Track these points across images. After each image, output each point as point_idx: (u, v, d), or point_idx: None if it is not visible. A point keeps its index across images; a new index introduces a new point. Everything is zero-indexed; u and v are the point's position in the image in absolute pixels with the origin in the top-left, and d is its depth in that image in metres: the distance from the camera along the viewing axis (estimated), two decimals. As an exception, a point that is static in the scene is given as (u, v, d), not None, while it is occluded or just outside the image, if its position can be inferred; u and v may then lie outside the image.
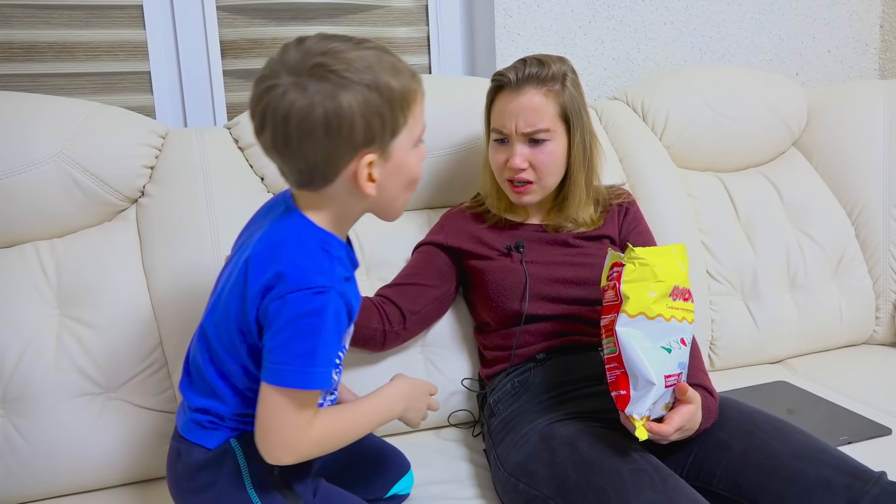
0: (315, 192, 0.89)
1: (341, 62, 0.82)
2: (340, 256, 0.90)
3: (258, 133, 0.86)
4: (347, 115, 0.82)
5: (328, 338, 0.85)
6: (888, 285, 1.73)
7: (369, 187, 0.87)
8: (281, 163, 0.87)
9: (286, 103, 0.81)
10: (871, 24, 2.17)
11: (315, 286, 0.84)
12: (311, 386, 0.85)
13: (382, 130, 0.85)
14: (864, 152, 1.77)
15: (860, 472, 0.99)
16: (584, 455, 1.02)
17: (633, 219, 1.37)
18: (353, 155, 0.85)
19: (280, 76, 0.82)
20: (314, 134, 0.82)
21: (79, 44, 1.59)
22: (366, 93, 0.83)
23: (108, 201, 1.31)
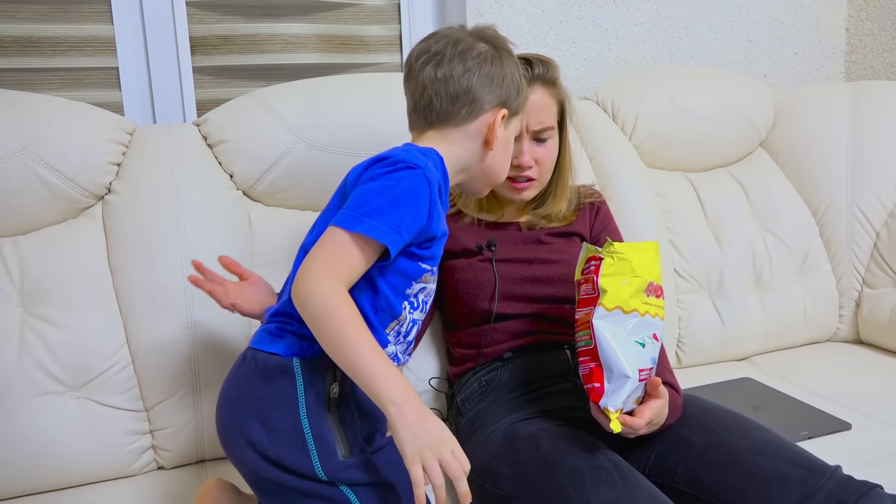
0: (449, 128, 1.03)
1: (504, 40, 1.08)
2: (436, 162, 0.99)
3: (425, 66, 1.03)
4: (503, 72, 1.04)
5: (398, 202, 0.91)
6: (851, 284, 1.76)
7: (494, 140, 1.04)
8: (441, 88, 1.02)
9: (466, 44, 1.03)
10: (837, 27, 2.21)
11: (406, 161, 0.94)
12: (357, 228, 0.88)
13: (516, 101, 1.07)
14: (828, 153, 1.80)
15: (816, 466, 1.01)
16: (546, 454, 1.03)
17: (605, 218, 1.39)
18: (495, 104, 1.04)
19: (458, 32, 1.05)
20: (482, 73, 1.02)
21: (45, 38, 1.58)
22: (516, 67, 1.07)
23: (73, 198, 1.29)
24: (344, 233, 0.89)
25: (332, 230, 0.90)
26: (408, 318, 1.02)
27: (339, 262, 0.89)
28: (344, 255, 0.89)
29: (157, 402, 1.24)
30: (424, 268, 1.00)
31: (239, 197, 1.40)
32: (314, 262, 0.89)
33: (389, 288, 0.97)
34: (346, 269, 0.89)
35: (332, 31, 1.79)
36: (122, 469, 1.24)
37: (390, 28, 1.85)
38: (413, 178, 0.93)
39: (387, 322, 0.99)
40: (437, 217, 0.97)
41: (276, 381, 0.93)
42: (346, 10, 1.80)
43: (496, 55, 1.04)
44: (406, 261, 0.97)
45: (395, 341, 1.01)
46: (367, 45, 1.83)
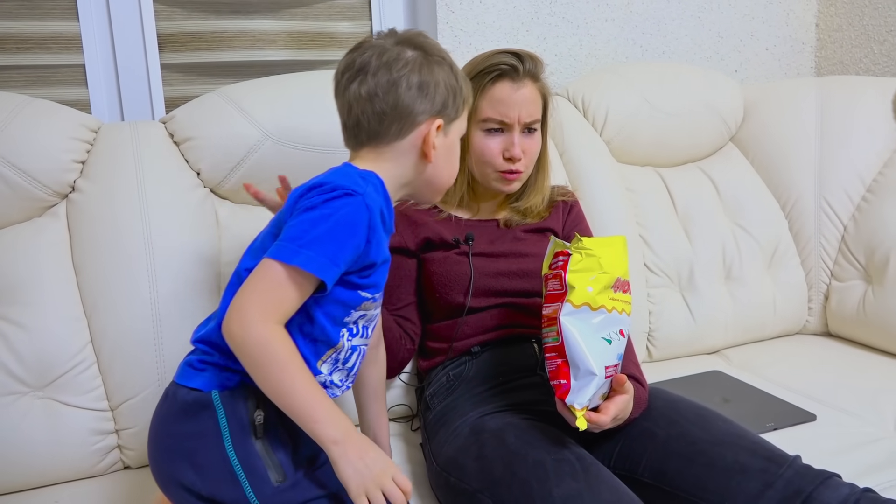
0: (382, 146, 0.99)
1: (433, 44, 1.02)
2: (376, 186, 0.97)
3: (350, 82, 0.98)
4: (434, 81, 0.99)
5: (335, 232, 0.88)
6: (819, 277, 1.78)
7: (431, 152, 1.00)
8: (367, 107, 0.97)
9: (388, 57, 0.97)
10: (807, 22, 2.23)
11: (346, 188, 0.91)
12: (294, 261, 0.86)
13: (453, 107, 1.02)
14: (796, 147, 1.82)
15: (775, 456, 1.02)
16: (511, 447, 1.04)
17: (577, 217, 1.40)
18: (428, 115, 0.99)
19: (382, 41, 1.00)
20: (409, 85, 0.97)
21: (9, 35, 1.56)
22: (449, 71, 1.01)
23: (36, 196, 1.28)
24: (279, 266, 0.86)
25: (266, 263, 0.88)
26: (346, 346, 0.98)
27: (274, 299, 0.86)
28: (280, 291, 0.87)
29: (122, 401, 1.23)
30: (364, 296, 0.97)
31: (206, 195, 1.39)
32: (249, 301, 0.86)
33: (325, 317, 0.94)
34: (282, 307, 0.87)
35: (302, 27, 1.78)
36: (88, 469, 1.23)
37: (361, 24, 1.84)
38: (352, 205, 0.90)
39: (322, 351, 0.96)
40: (376, 244, 0.94)
41: (198, 417, 0.91)
42: (316, 7, 1.79)
43: (425, 62, 0.98)
44: (344, 290, 0.94)
45: (331, 370, 0.98)
46: (337, 42, 1.83)
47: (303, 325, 0.93)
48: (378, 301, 1.02)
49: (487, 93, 1.25)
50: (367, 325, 1.02)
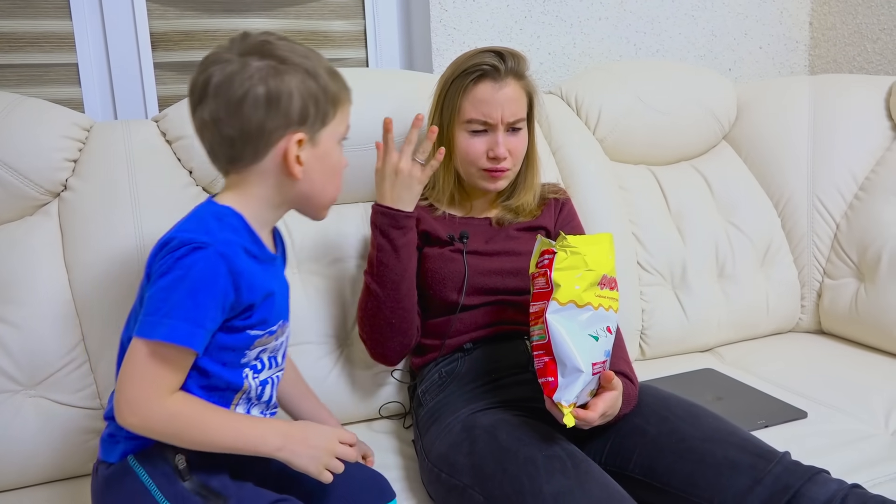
0: (243, 170, 0.92)
1: (285, 47, 0.91)
2: (234, 226, 0.91)
3: (196, 107, 0.91)
4: (287, 91, 0.89)
5: (192, 292, 0.84)
6: (812, 275, 1.78)
7: (297, 169, 0.91)
8: (215, 133, 0.90)
9: (229, 71, 0.88)
10: (801, 21, 2.23)
11: (191, 242, 0.86)
12: (157, 336, 0.83)
13: (315, 115, 0.91)
14: (789, 145, 1.83)
15: (765, 452, 1.03)
16: (503, 443, 1.04)
17: (568, 214, 1.40)
18: (285, 131, 0.90)
19: (225, 55, 0.90)
20: (254, 101, 0.88)
21: (1, 34, 1.56)
22: (304, 77, 0.90)
23: (28, 195, 1.28)
24: (146, 344, 0.84)
25: (134, 344, 0.85)
26: (254, 385, 0.96)
27: (154, 378, 0.84)
28: (155, 370, 0.84)
29: (114, 399, 1.23)
30: (255, 334, 0.93)
31: (198, 193, 1.39)
32: (131, 389, 0.84)
33: (220, 367, 0.91)
34: (165, 381, 0.85)
35: (296, 26, 1.78)
36: (79, 468, 1.22)
37: (354, 23, 1.85)
38: (203, 259, 0.85)
39: (230, 397, 0.94)
40: (247, 287, 0.89)
41: (122, 485, 0.90)
42: (309, 6, 1.79)
43: (274, 72, 0.89)
44: (229, 336, 0.91)
45: (247, 409, 0.97)
46: (331, 41, 1.83)
47: (200, 380, 0.91)
48: (277, 332, 0.97)
49: (470, 93, 1.25)
50: (274, 355, 0.99)
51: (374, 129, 1.45)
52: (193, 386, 0.90)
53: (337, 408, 1.37)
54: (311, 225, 1.42)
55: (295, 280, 1.39)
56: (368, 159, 1.46)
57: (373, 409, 1.39)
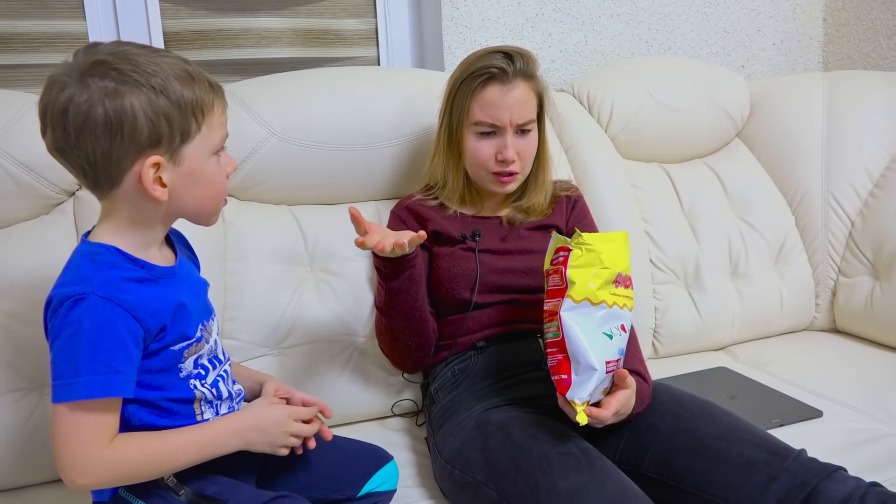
0: (105, 196, 0.88)
1: (128, 63, 0.83)
2: (110, 261, 0.87)
3: (42, 134, 0.86)
4: (129, 114, 0.82)
5: (93, 343, 0.82)
6: (827, 273, 1.77)
7: (158, 191, 0.86)
8: (65, 164, 0.86)
9: (65, 98, 0.81)
10: (814, 17, 2.22)
11: (72, 295, 0.83)
12: (76, 396, 0.81)
13: (171, 134, 0.85)
14: (803, 142, 1.81)
15: (780, 449, 1.02)
16: (516, 440, 1.04)
17: (581, 212, 1.40)
18: (137, 156, 0.84)
19: (65, 75, 0.83)
20: (94, 130, 0.82)
21: (17, 35, 1.57)
22: (151, 95, 0.83)
23: (43, 194, 1.29)
24: (66, 407, 0.82)
25: (56, 411, 0.82)
26: (206, 389, 0.95)
27: (89, 434, 0.82)
28: (88, 426, 0.82)
29: (129, 397, 1.24)
30: (179, 348, 0.91)
31: (211, 191, 1.39)
32: (67, 454, 0.82)
33: (160, 390, 0.90)
34: (99, 435, 0.83)
35: (308, 25, 1.78)
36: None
37: (366, 22, 1.85)
38: (89, 309, 0.82)
39: (191, 410, 0.94)
40: (149, 313, 0.86)
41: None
42: (321, 4, 1.80)
43: (113, 93, 0.81)
44: (155, 359, 0.89)
45: (214, 412, 0.96)
46: (342, 39, 1.83)
47: (150, 410, 0.90)
48: (202, 336, 0.95)
49: (478, 96, 1.24)
50: (212, 355, 0.98)
51: (384, 128, 1.46)
52: (147, 416, 0.90)
53: (350, 406, 1.37)
54: (323, 224, 1.43)
55: (308, 279, 1.40)
56: (381, 158, 1.47)
57: (385, 407, 1.40)
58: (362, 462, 1.10)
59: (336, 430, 1.23)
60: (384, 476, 1.11)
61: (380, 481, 1.10)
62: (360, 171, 1.47)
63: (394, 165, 1.49)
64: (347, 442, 1.12)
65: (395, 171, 1.49)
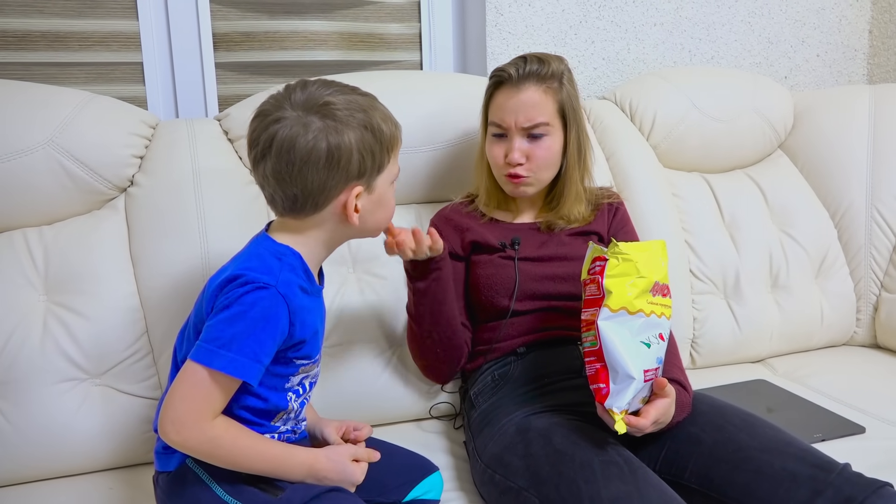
0: (302, 218, 0.97)
1: (343, 103, 0.94)
2: (293, 265, 0.96)
3: (258, 161, 0.95)
4: (347, 149, 0.93)
5: (253, 328, 0.89)
6: (869, 287, 1.75)
7: (355, 217, 0.97)
8: (277, 189, 0.94)
9: (293, 134, 0.91)
10: (860, 29, 2.19)
11: (256, 281, 0.90)
12: (215, 365, 0.87)
13: (372, 166, 0.96)
14: (848, 156, 1.79)
15: (824, 463, 1.01)
16: (558, 447, 1.04)
17: (622, 219, 1.40)
18: (345, 185, 0.95)
19: (286, 110, 0.93)
20: (316, 164, 0.92)
21: (72, 33, 1.61)
22: (362, 132, 0.94)
23: (96, 190, 1.32)
24: (202, 370, 0.88)
25: (189, 367, 0.89)
26: (295, 407, 1.01)
27: (201, 401, 0.88)
28: (205, 393, 0.88)
29: (175, 390, 1.27)
30: (301, 363, 0.99)
31: (258, 192, 1.39)
32: (178, 408, 0.88)
33: (267, 390, 0.96)
34: (211, 406, 0.89)
35: (353, 28, 1.81)
36: (141, 456, 1.26)
37: (410, 26, 1.86)
38: (266, 299, 0.90)
39: (273, 415, 0.99)
40: (300, 324, 0.94)
41: (185, 488, 0.95)
42: (366, 8, 1.82)
43: (335, 131, 0.92)
44: (280, 366, 0.96)
45: (284, 423, 1.01)
46: (387, 43, 1.85)
47: (248, 401, 0.95)
48: (318, 360, 1.04)
49: (493, 99, 1.30)
50: (314, 380, 1.06)
51: (428, 130, 1.47)
52: (243, 408, 0.95)
53: (388, 406, 1.39)
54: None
55: (351, 280, 1.41)
56: (421, 161, 1.48)
57: (423, 409, 1.41)
58: (410, 469, 1.12)
59: (375, 431, 1.24)
60: (430, 485, 1.13)
61: (425, 489, 1.12)
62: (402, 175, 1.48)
63: (436, 170, 1.50)
64: (396, 449, 1.15)
65: (437, 176, 1.51)
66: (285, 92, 0.95)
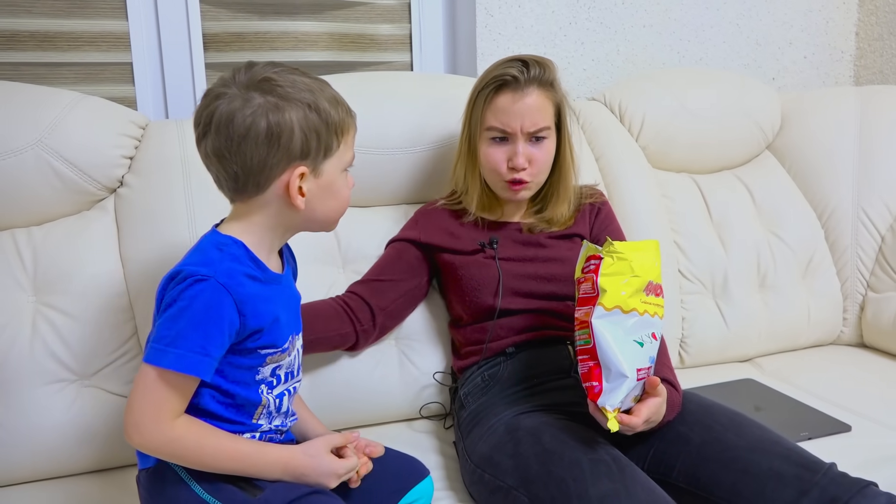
0: (246, 201, 0.95)
1: (287, 81, 0.92)
2: (235, 254, 0.94)
3: (200, 140, 0.94)
4: (288, 127, 0.90)
5: (196, 322, 0.88)
6: (855, 287, 1.77)
7: (299, 200, 0.94)
8: (218, 168, 0.93)
9: (231, 109, 0.90)
10: (846, 31, 2.21)
11: (195, 275, 0.89)
12: (164, 364, 0.87)
13: (317, 148, 0.94)
14: (835, 157, 1.81)
15: (811, 463, 1.02)
16: (547, 446, 1.05)
17: (606, 219, 1.40)
18: (287, 165, 0.92)
19: (229, 88, 0.91)
20: (255, 139, 0.90)
21: (61, 34, 1.60)
22: (306, 111, 0.92)
23: (86, 190, 1.32)
24: (153, 370, 0.88)
25: (142, 368, 0.89)
26: (272, 400, 0.99)
27: (158, 402, 0.88)
28: (160, 394, 0.88)
29: (165, 391, 1.26)
30: (265, 353, 0.96)
31: (248, 191, 1.41)
32: (137, 410, 0.88)
33: (235, 385, 0.94)
34: (169, 406, 0.88)
35: (343, 29, 1.81)
36: (130, 458, 1.24)
37: (401, 27, 1.87)
38: (206, 291, 0.88)
39: (251, 411, 0.97)
40: (252, 313, 0.92)
41: (164, 484, 0.94)
42: (357, 9, 1.82)
43: (275, 108, 0.90)
44: (241, 357, 0.94)
45: (268, 420, 0.99)
46: (377, 44, 1.85)
47: (219, 398, 0.94)
48: (288, 348, 1.00)
49: (491, 103, 1.26)
50: (290, 369, 1.02)
51: (416, 131, 1.47)
52: (214, 402, 0.94)
53: (378, 406, 1.39)
54: (354, 226, 1.44)
55: (340, 280, 1.41)
56: (409, 162, 1.48)
57: (413, 409, 1.41)
58: (400, 476, 1.10)
59: (365, 431, 1.25)
60: (420, 492, 1.11)
61: (415, 496, 1.10)
62: (390, 175, 1.49)
63: (423, 170, 1.50)
64: (387, 453, 1.10)
65: (424, 176, 1.51)
66: (232, 73, 0.94)
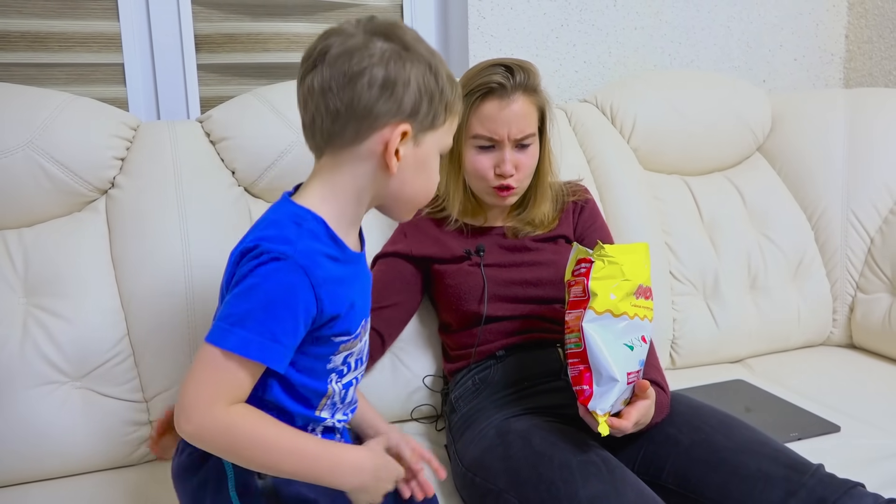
0: (338, 151, 0.87)
1: (413, 35, 0.87)
2: (314, 231, 0.86)
3: (306, 74, 0.86)
4: (404, 79, 0.84)
5: (268, 302, 0.80)
6: (845, 288, 1.78)
7: (393, 163, 0.86)
8: (318, 104, 0.85)
9: (351, 45, 0.83)
10: (836, 34, 2.22)
11: (272, 251, 0.81)
12: (227, 346, 0.79)
13: (427, 113, 0.87)
14: (824, 159, 1.82)
15: (798, 464, 1.03)
16: (537, 448, 1.05)
17: (590, 216, 1.39)
18: (392, 118, 0.85)
19: (351, 28, 0.85)
20: (370, 81, 0.83)
21: (52, 34, 1.60)
22: (426, 71, 0.86)
23: (77, 192, 1.32)
24: (216, 350, 0.79)
25: (202, 348, 0.80)
26: (338, 390, 0.92)
27: (217, 385, 0.79)
28: (222, 377, 0.79)
29: (156, 392, 1.26)
30: (340, 340, 0.89)
31: (240, 193, 1.42)
32: (192, 393, 0.79)
33: (304, 375, 0.88)
34: (229, 391, 0.80)
35: (336, 31, 1.81)
36: (122, 458, 1.26)
37: (393, 29, 1.87)
38: (282, 272, 0.81)
39: (316, 401, 0.91)
40: (330, 296, 0.84)
41: (207, 468, 0.88)
42: (349, 10, 1.82)
43: (398, 56, 0.84)
44: (315, 347, 0.87)
45: (332, 412, 0.94)
46: (369, 46, 1.85)
47: (284, 390, 0.88)
48: (360, 335, 0.93)
49: (477, 110, 1.24)
50: (360, 356, 0.96)
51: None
52: (280, 393, 0.87)
53: (370, 408, 1.39)
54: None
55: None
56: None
57: (405, 411, 1.41)
58: None
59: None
60: None
61: None
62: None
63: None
64: None
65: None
66: (354, 20, 0.87)
